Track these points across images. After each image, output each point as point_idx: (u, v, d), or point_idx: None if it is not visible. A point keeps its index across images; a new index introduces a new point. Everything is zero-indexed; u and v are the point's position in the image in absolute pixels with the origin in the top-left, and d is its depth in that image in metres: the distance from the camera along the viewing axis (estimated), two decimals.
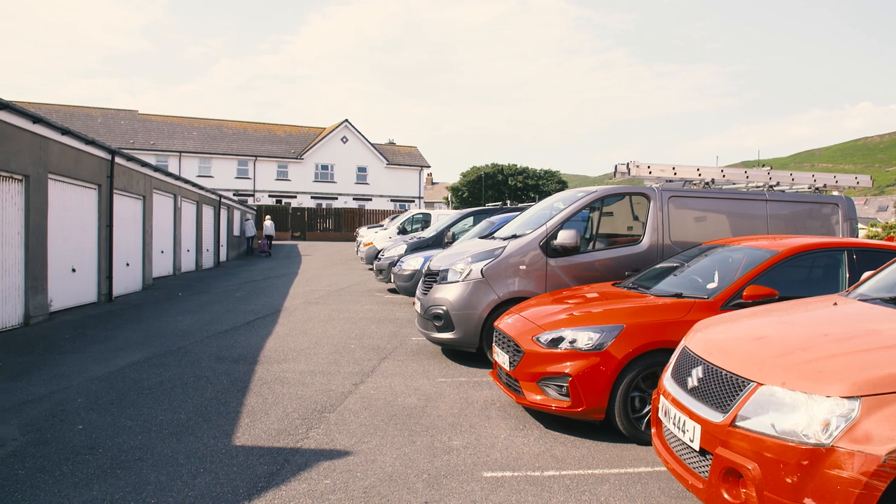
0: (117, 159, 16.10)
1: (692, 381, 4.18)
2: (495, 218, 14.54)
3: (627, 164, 9.95)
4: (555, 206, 9.65)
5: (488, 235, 10.63)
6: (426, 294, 9.42)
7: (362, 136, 63.58)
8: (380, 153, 63.90)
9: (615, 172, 10.26)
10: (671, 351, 5.07)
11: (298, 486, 4.82)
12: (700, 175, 9.98)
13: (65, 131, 13.08)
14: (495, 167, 69.02)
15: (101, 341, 10.35)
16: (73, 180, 13.88)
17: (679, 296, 6.29)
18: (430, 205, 75.94)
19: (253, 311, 13.90)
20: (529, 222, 9.63)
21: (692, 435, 3.95)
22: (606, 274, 8.72)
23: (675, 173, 9.90)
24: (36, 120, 11.86)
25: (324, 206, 59.28)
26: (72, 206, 13.92)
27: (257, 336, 10.83)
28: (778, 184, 10.41)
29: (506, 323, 6.87)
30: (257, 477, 4.98)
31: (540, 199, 18.51)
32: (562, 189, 58.87)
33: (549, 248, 8.75)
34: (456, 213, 19.72)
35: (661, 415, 4.49)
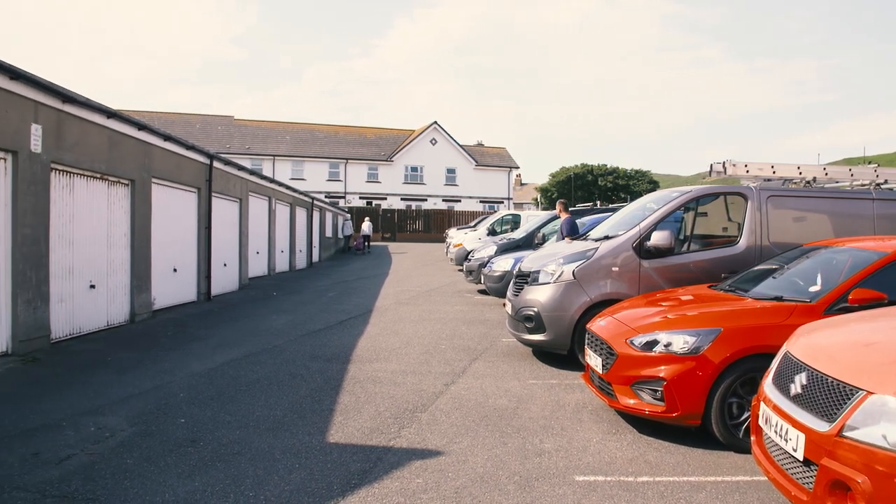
0: (215, 163, 16.68)
1: (795, 388, 4.04)
2: (586, 219, 14.39)
3: (723, 163, 9.68)
4: (648, 206, 9.47)
5: (580, 236, 10.53)
6: (517, 295, 9.40)
7: (451, 137, 63.90)
8: (468, 154, 64.08)
9: (710, 172, 10.00)
10: (771, 356, 4.90)
11: (391, 484, 4.89)
12: (801, 173, 9.62)
13: (167, 137, 13.64)
14: (585, 167, 68.24)
15: (201, 339, 10.75)
16: (174, 184, 14.46)
17: (779, 299, 6.08)
18: (518, 206, 75.63)
19: (345, 310, 14.16)
20: (622, 223, 9.48)
21: (795, 444, 3.82)
22: (701, 276, 8.50)
23: (773, 172, 9.57)
24: (141, 127, 12.41)
25: (413, 207, 59.86)
26: (173, 208, 14.50)
27: (349, 335, 11.04)
28: (886, 181, 9.93)
29: (598, 325, 6.79)
30: (351, 474, 5.07)
31: (631, 199, 18.20)
32: (653, 189, 57.72)
33: (642, 249, 8.59)
34: (546, 214, 19.61)
35: (761, 422, 4.36)
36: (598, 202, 22.37)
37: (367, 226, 40.47)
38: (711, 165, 9.85)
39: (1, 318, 8.81)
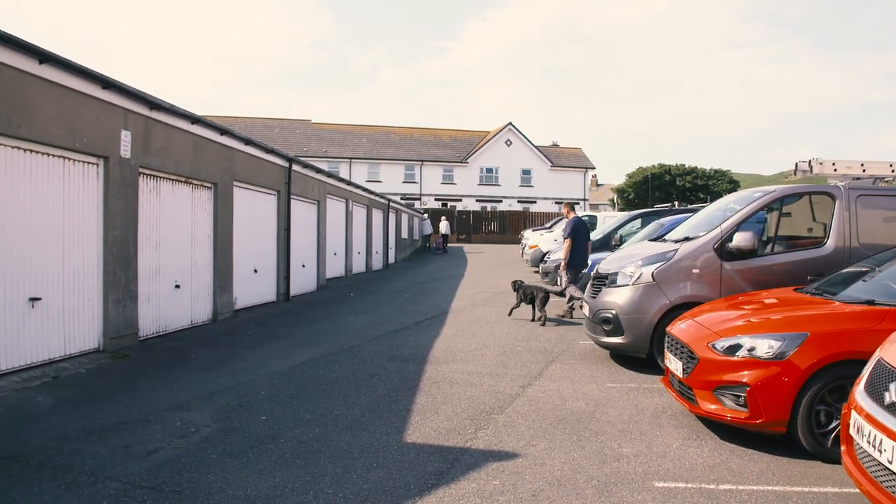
0: (294, 166, 17.02)
1: (890, 397, 3.87)
2: (665, 220, 14.12)
3: (809, 161, 9.51)
4: (729, 206, 9.24)
5: (658, 238, 10.35)
6: (595, 297, 9.29)
7: (526, 138, 63.66)
8: (543, 155, 63.71)
9: (795, 170, 9.80)
10: (862, 363, 4.70)
11: (468, 485, 4.89)
12: (893, 171, 9.21)
13: (248, 141, 13.98)
14: (662, 167, 67.07)
15: (281, 338, 10.98)
16: (255, 187, 14.81)
17: (871, 303, 5.83)
18: (594, 207, 74.86)
19: (421, 311, 14.26)
20: (702, 224, 9.27)
21: (890, 455, 3.66)
22: (786, 278, 8.23)
23: (863, 170, 9.31)
24: (223, 132, 12.76)
25: (488, 208, 59.84)
26: (254, 210, 14.86)
27: (426, 336, 11.10)
28: None
29: (679, 328, 6.65)
30: (428, 474, 5.10)
31: (711, 200, 17.77)
32: (733, 189, 56.31)
33: (723, 250, 8.38)
34: (623, 216, 19.34)
35: (852, 431, 4.19)
36: (677, 203, 21.89)
37: (444, 226, 42.04)
38: (796, 164, 9.67)
39: (93, 316, 9.19)
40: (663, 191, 63.98)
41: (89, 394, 7.29)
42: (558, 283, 16.14)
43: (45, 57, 7.83)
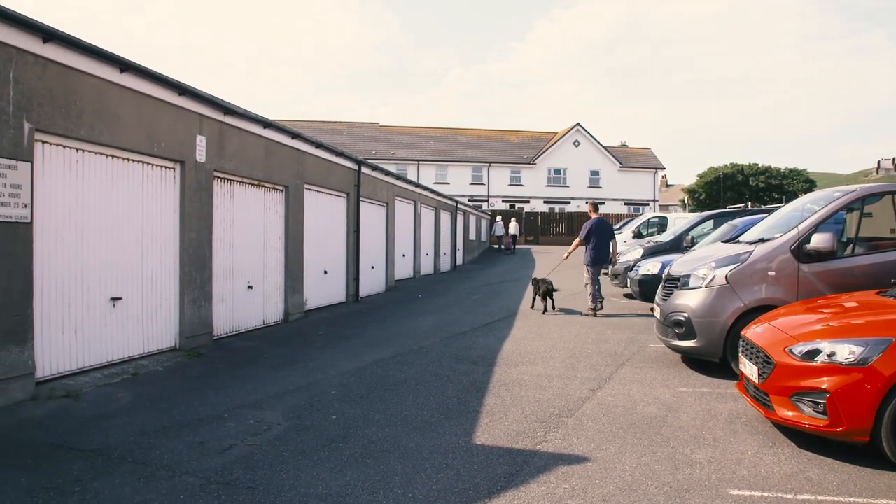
0: (363, 169, 17.22)
1: None
2: (738, 221, 13.77)
3: (893, 159, 9.03)
4: (807, 207, 8.96)
5: (732, 239, 10.11)
6: (666, 300, 9.13)
7: (594, 138, 63.04)
8: (612, 156, 62.96)
9: (877, 168, 9.47)
10: None
11: (537, 488, 4.86)
12: None
13: (318, 145, 14.20)
14: (734, 167, 65.56)
15: (350, 338, 11.11)
16: (325, 189, 15.03)
17: None
18: (664, 208, 73.51)
19: (489, 313, 14.24)
20: (778, 225, 9.02)
21: None
22: (867, 282, 7.92)
23: None
24: (294, 136, 12.99)
25: (556, 210, 59.44)
26: (324, 213, 15.08)
27: (494, 338, 11.09)
28: None
29: (754, 332, 6.47)
30: (497, 476, 5.08)
31: (786, 200, 17.28)
32: (809, 189, 54.64)
33: (801, 252, 8.12)
34: (694, 217, 18.97)
35: None
36: (750, 203, 21.36)
37: (513, 227, 42.96)
38: (879, 162, 9.34)
39: (170, 316, 9.46)
40: (735, 191, 62.50)
41: (166, 391, 7.51)
42: (627, 285, 15.96)
43: (125, 65, 8.10)
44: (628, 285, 15.65)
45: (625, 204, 61.71)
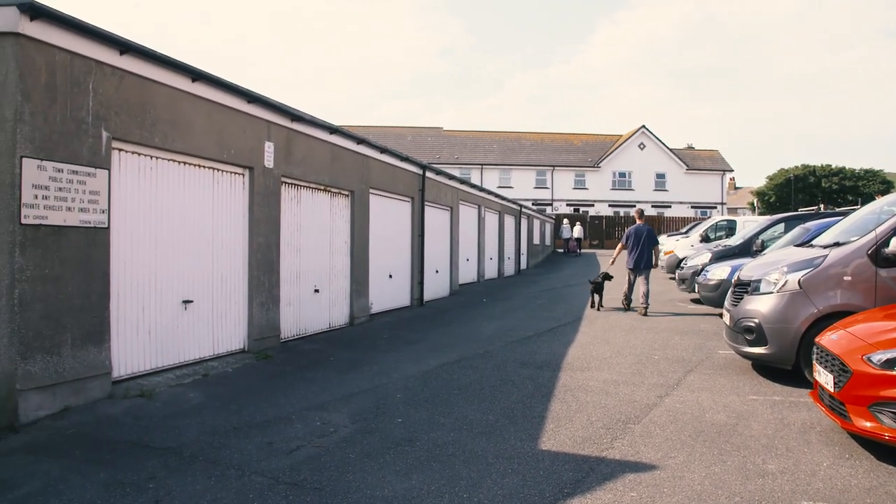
0: (427, 173, 17.31)
1: None
2: (811, 224, 13.38)
3: None
4: (884, 209, 8.64)
5: (804, 243, 9.82)
6: (736, 305, 8.92)
7: (660, 141, 62.09)
8: (678, 158, 61.89)
9: None
10: None
11: (604, 496, 4.80)
12: None
13: (383, 150, 14.33)
14: (805, 168, 63.71)
15: (415, 342, 11.17)
16: (389, 194, 15.16)
17: None
18: (732, 211, 71.91)
19: (554, 318, 14.15)
20: (853, 228, 8.72)
21: None
22: None
23: None
24: (359, 141, 13.14)
25: (621, 213, 58.70)
26: (389, 217, 15.21)
27: (559, 343, 11.00)
28: None
29: (829, 339, 6.27)
30: (563, 483, 5.04)
31: (861, 202, 16.73)
32: (886, 191, 52.71)
33: (878, 257, 7.84)
34: (764, 220, 18.50)
35: None
36: (823, 205, 20.73)
37: (577, 230, 44.97)
38: None
39: (239, 318, 9.66)
40: (807, 193, 60.72)
41: (236, 392, 7.67)
42: (694, 290, 15.67)
43: (196, 75, 8.32)
44: (696, 290, 15.35)
45: (691, 207, 60.60)
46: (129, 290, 7.69)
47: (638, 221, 15.81)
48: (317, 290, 11.83)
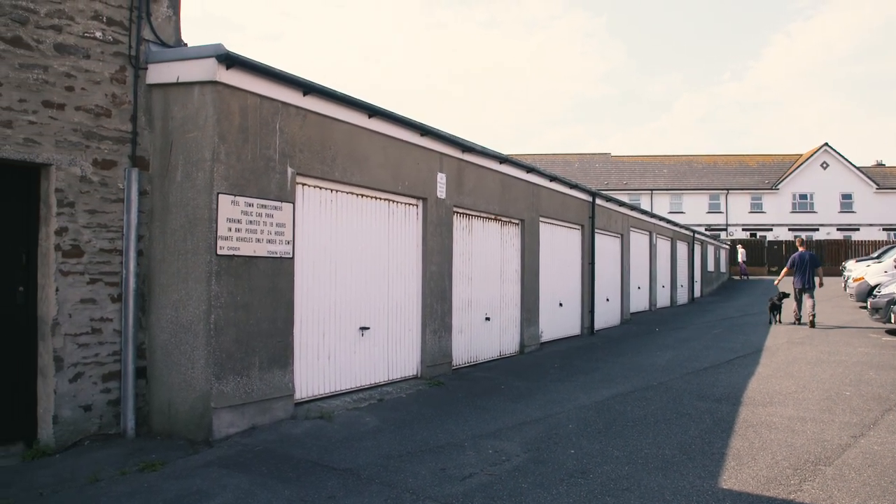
0: (597, 200, 17.12)
1: None
2: None
3: None
4: None
5: None
6: None
7: (845, 159, 57.93)
8: (867, 177, 57.44)
9: None
10: None
11: None
12: None
13: (552, 178, 14.32)
14: None
15: (586, 372, 11.00)
16: (559, 222, 15.11)
17: None
18: None
19: (732, 349, 13.50)
20: None
21: None
22: None
23: None
24: (529, 170, 13.21)
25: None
26: (558, 245, 15.15)
27: (738, 375, 10.47)
28: None
29: None
30: None
31: None
32: None
33: None
34: None
35: None
36: None
37: (742, 253, 46.44)
38: None
39: (412, 345, 9.93)
40: None
41: (409, 417, 7.86)
42: (891, 320, 14.46)
43: (372, 111, 8.70)
44: (893, 320, 14.16)
45: (883, 230, 56.00)
46: (310, 316, 8.10)
47: (800, 249, 17.67)
48: (487, 318, 11.95)
